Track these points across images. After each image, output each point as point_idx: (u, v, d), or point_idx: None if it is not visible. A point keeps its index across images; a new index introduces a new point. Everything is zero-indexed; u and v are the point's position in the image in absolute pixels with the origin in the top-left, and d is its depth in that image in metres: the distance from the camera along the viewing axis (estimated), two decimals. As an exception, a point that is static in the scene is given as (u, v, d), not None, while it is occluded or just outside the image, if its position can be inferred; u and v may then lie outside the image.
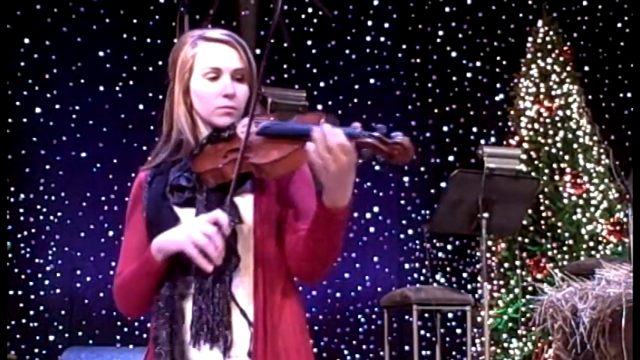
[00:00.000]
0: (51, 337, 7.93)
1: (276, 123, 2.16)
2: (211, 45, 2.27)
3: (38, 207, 8.06)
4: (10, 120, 7.96)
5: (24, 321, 7.92)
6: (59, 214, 8.09)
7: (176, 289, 2.17)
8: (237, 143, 2.12)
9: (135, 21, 8.55)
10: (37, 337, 7.93)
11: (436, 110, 9.20)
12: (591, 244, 7.19)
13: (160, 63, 8.01)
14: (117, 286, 2.30)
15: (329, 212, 2.05)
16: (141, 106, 8.14)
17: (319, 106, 8.24)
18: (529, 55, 7.84)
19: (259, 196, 2.18)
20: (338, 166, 1.97)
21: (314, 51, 9.05)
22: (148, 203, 2.25)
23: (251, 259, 2.17)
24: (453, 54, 9.21)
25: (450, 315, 8.16)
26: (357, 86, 9.07)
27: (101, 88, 8.35)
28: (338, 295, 8.76)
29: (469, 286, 8.44)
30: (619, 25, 9.18)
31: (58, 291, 8.02)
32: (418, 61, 9.21)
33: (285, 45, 8.70)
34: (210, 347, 2.14)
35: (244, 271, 2.17)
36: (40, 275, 8.00)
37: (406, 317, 7.06)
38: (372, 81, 9.14)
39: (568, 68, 7.80)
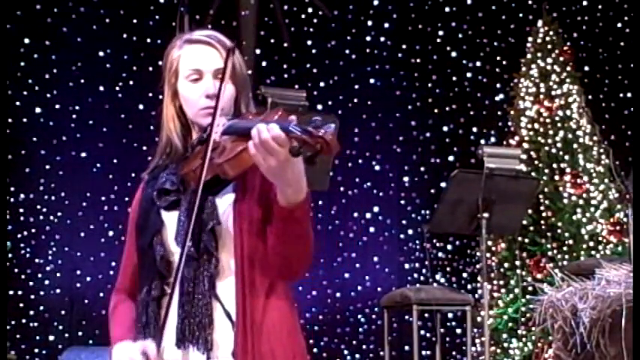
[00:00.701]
0: (51, 337, 7.93)
1: (237, 122, 2.15)
2: (193, 47, 2.28)
3: (38, 207, 8.07)
4: (10, 120, 7.96)
5: (24, 321, 7.92)
6: (59, 214, 8.09)
7: (150, 294, 2.20)
8: (213, 144, 2.13)
9: (135, 21, 8.56)
10: (37, 337, 7.93)
11: (436, 110, 9.20)
12: (591, 244, 7.19)
13: (160, 63, 8.00)
14: (109, 311, 2.34)
15: (285, 211, 2.05)
16: (141, 106, 8.14)
17: (319, 106, 8.25)
18: (529, 55, 7.84)
19: (240, 196, 2.18)
20: (276, 159, 1.96)
21: (314, 51, 9.05)
22: (139, 209, 2.28)
23: (232, 259, 2.17)
24: (453, 54, 9.21)
25: (450, 315, 8.16)
26: (357, 86, 9.07)
27: (101, 88, 8.35)
28: (338, 295, 8.76)
29: (469, 286, 8.44)
30: (619, 25, 9.17)
31: (58, 291, 8.03)
32: (418, 61, 9.21)
33: (285, 45, 8.70)
34: (194, 348, 2.15)
35: (227, 271, 2.18)
36: (40, 275, 8.01)
37: (406, 317, 7.06)
38: (372, 81, 9.14)
39: (568, 68, 7.79)
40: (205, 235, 2.15)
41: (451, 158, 9.00)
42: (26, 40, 8.20)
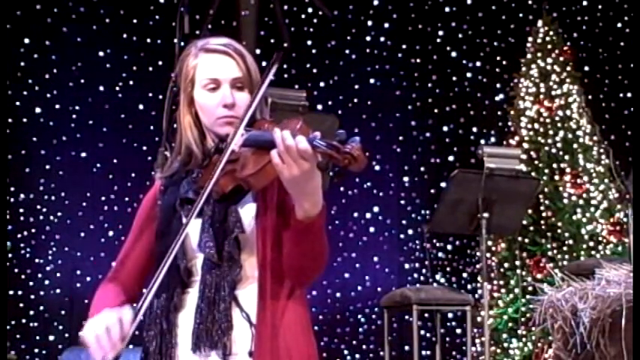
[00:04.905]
0: (51, 337, 7.93)
1: (257, 133, 2.15)
2: (210, 56, 2.29)
3: (38, 207, 8.06)
4: (10, 120, 7.96)
5: (24, 321, 7.92)
6: (59, 214, 8.09)
7: (172, 301, 2.22)
8: (231, 155, 2.15)
9: (135, 21, 8.55)
10: (37, 337, 7.93)
11: (436, 110, 9.19)
12: (591, 244, 7.19)
13: (160, 63, 8.02)
14: (97, 293, 2.33)
15: (302, 224, 2.08)
16: (141, 106, 8.14)
17: (319, 106, 8.24)
18: (529, 55, 7.84)
19: (262, 206, 2.21)
20: (299, 169, 1.98)
21: (314, 51, 9.05)
22: (160, 215, 2.28)
23: (255, 265, 2.20)
24: (453, 54, 9.21)
25: (450, 315, 8.16)
26: (357, 86, 9.06)
27: (101, 88, 8.35)
28: (338, 295, 8.76)
29: (469, 286, 8.44)
30: (619, 25, 9.17)
31: (58, 291, 8.03)
32: (418, 61, 9.20)
33: (285, 45, 8.69)
34: (211, 352, 2.17)
35: (249, 277, 2.21)
36: (40, 275, 8.00)
37: (406, 317, 7.06)
38: (372, 81, 9.14)
39: (568, 68, 7.80)
40: (229, 242, 2.18)
41: (451, 158, 9.00)
42: (26, 40, 8.20)
